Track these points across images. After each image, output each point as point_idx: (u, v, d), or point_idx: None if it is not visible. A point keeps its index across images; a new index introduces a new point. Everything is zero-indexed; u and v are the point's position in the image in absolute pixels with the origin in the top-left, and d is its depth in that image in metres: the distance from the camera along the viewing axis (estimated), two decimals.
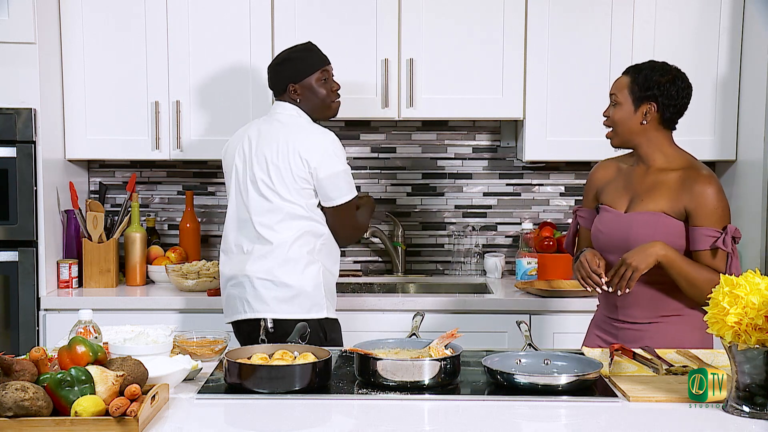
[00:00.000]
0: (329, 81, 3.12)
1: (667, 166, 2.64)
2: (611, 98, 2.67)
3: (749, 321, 1.86)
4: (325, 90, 3.10)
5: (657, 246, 2.51)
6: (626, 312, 2.65)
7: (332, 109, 3.16)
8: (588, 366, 2.20)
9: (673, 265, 2.51)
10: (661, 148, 2.64)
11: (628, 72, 2.67)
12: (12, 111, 3.51)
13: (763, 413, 1.90)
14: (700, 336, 2.57)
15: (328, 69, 3.12)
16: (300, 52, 3.10)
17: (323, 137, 3.01)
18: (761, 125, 3.58)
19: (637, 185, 2.67)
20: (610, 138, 2.68)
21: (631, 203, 2.66)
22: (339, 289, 3.98)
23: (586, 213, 2.83)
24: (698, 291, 2.52)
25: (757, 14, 3.68)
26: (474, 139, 4.21)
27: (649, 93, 2.60)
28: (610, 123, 2.66)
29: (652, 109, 2.60)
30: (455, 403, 2.08)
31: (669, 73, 2.63)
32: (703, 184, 2.56)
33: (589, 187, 2.83)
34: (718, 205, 2.55)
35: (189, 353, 2.34)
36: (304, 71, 3.06)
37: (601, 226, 2.69)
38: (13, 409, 1.77)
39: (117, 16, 3.77)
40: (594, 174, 2.83)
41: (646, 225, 2.58)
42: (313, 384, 2.12)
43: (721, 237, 2.52)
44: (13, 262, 3.54)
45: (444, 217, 4.24)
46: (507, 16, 3.78)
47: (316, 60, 3.10)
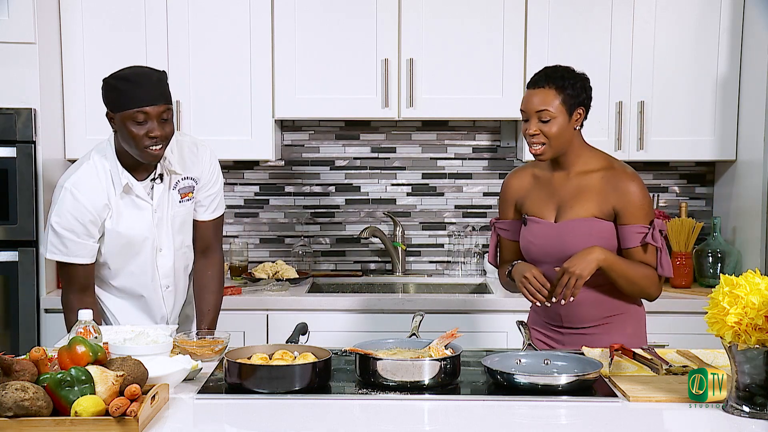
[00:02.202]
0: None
1: (587, 168, 2.64)
2: (539, 115, 2.53)
3: (749, 321, 1.86)
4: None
5: (596, 251, 2.52)
6: (571, 319, 2.67)
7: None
8: (588, 366, 2.20)
9: (613, 267, 2.53)
10: (581, 150, 2.64)
11: (547, 84, 2.56)
12: (12, 111, 3.51)
13: (763, 413, 1.90)
14: (636, 328, 2.66)
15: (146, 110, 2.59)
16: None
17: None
18: (761, 125, 3.58)
19: (562, 192, 2.65)
20: (541, 153, 2.57)
21: (559, 211, 2.64)
22: (339, 289, 4.01)
23: (507, 224, 2.80)
24: (637, 288, 2.59)
25: (757, 14, 3.68)
26: (474, 139, 4.21)
27: (580, 99, 2.58)
28: (543, 139, 2.55)
29: (582, 114, 2.61)
30: (455, 403, 2.08)
31: (582, 75, 2.62)
32: (628, 183, 2.58)
33: (506, 198, 2.79)
34: (645, 201, 2.58)
35: (189, 353, 2.34)
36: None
37: (532, 237, 2.67)
38: (13, 409, 1.77)
39: (117, 16, 3.77)
40: (509, 185, 2.79)
41: (579, 231, 2.59)
42: (313, 384, 2.12)
43: (650, 232, 2.56)
44: (13, 262, 3.54)
45: (444, 217, 4.24)
46: (507, 16, 3.78)
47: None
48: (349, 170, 4.21)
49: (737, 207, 3.87)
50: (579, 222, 2.60)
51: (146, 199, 2.73)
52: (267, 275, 3.85)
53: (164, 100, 2.60)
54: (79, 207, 2.65)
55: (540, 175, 2.72)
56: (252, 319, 3.59)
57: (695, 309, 3.50)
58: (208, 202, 2.86)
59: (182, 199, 2.80)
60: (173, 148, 2.75)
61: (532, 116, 2.57)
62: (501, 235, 2.82)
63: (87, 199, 2.66)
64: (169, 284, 2.86)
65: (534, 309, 2.81)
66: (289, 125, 4.19)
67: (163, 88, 2.63)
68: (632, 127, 3.80)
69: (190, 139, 2.86)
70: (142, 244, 2.76)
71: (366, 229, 4.08)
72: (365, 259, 4.26)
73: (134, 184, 2.70)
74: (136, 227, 2.73)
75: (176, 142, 2.78)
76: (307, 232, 4.22)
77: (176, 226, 2.81)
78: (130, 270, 2.79)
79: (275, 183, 4.22)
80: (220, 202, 2.91)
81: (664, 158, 3.93)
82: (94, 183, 2.68)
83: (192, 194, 2.82)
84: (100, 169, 2.70)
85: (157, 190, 2.74)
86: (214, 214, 2.90)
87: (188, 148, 2.81)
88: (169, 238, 2.80)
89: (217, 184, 2.88)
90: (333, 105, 3.82)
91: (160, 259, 2.80)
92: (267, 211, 4.23)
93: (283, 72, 3.80)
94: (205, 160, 2.83)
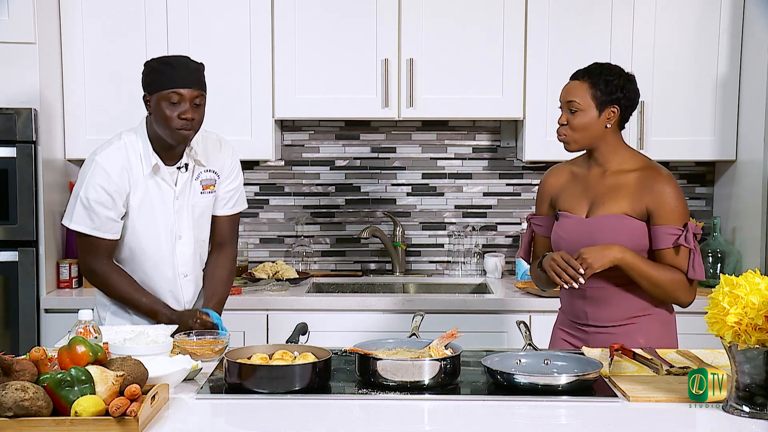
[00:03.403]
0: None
1: (624, 167, 2.65)
2: (568, 105, 2.62)
3: (749, 321, 1.86)
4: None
5: (614, 249, 2.52)
6: (596, 316, 2.66)
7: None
8: (588, 366, 2.20)
9: (633, 267, 2.54)
10: (617, 149, 2.66)
11: (583, 77, 2.64)
12: (12, 111, 3.51)
13: (763, 413, 1.90)
14: (663, 330, 2.65)
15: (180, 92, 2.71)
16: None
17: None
18: (761, 125, 3.58)
19: (596, 189, 2.66)
20: (567, 143, 2.65)
21: (591, 207, 2.66)
22: (339, 289, 4.01)
23: (541, 220, 2.82)
24: (661, 291, 2.58)
25: (757, 14, 3.68)
26: (474, 139, 4.21)
27: (614, 97, 2.61)
28: (568, 130, 2.62)
29: (615, 113, 2.62)
30: (455, 403, 2.08)
31: (626, 76, 2.65)
32: (663, 184, 2.58)
33: (543, 195, 2.82)
34: (678, 203, 2.58)
35: (189, 353, 2.34)
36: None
37: (562, 232, 2.69)
38: (13, 409, 1.77)
39: (117, 16, 3.77)
40: (546, 181, 2.82)
41: (609, 228, 2.59)
42: (313, 384, 2.12)
43: (683, 234, 2.56)
44: (13, 262, 3.54)
45: (444, 217, 4.24)
46: (507, 17, 3.78)
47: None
48: (349, 170, 4.21)
49: (737, 207, 3.87)
50: (609, 218, 2.60)
51: (170, 184, 2.82)
52: (267, 275, 3.85)
53: (199, 86, 2.73)
54: (106, 178, 2.75)
55: (577, 171, 2.75)
56: (252, 319, 3.59)
57: (695, 309, 3.48)
58: (228, 197, 2.95)
59: (203, 191, 2.88)
60: (199, 140, 2.86)
61: (564, 106, 2.65)
62: (536, 230, 2.84)
63: (114, 171, 2.75)
64: (188, 273, 2.91)
65: (562, 309, 2.80)
66: (289, 125, 4.19)
67: (199, 77, 2.75)
68: (632, 127, 3.79)
69: (216, 136, 2.95)
70: (162, 228, 2.83)
71: (366, 229, 4.08)
72: (365, 259, 4.26)
73: (162, 167, 2.80)
74: (158, 210, 2.82)
75: (202, 137, 2.88)
76: (307, 232, 4.22)
77: (195, 217, 2.89)
78: (152, 252, 2.85)
79: (275, 183, 4.22)
80: (239, 199, 3.00)
81: (664, 158, 3.92)
82: (123, 158, 2.78)
83: (213, 187, 2.90)
84: (130, 147, 2.80)
85: (181, 178, 2.83)
86: (233, 210, 2.98)
87: (212, 143, 2.92)
88: (189, 227, 2.88)
89: (237, 179, 2.97)
90: (333, 105, 3.82)
91: (179, 247, 2.87)
92: (267, 211, 4.23)
93: (283, 72, 3.80)
94: (228, 155, 2.94)
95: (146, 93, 2.77)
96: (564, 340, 2.75)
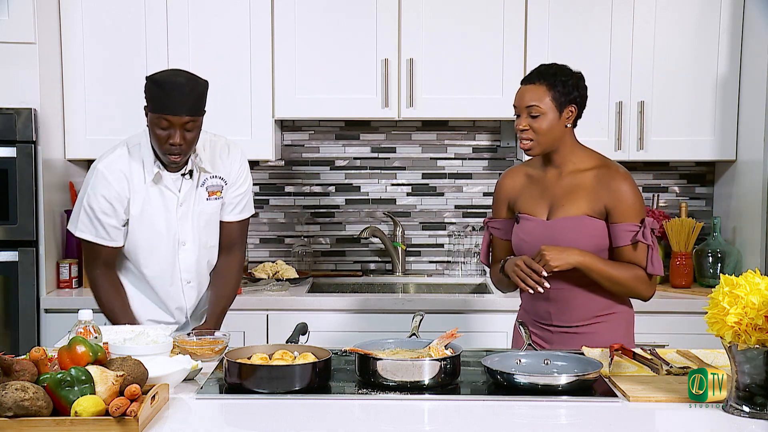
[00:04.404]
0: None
1: (580, 166, 2.65)
2: (528, 110, 2.57)
3: (749, 321, 1.86)
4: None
5: (573, 252, 2.54)
6: (560, 317, 2.67)
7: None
8: (588, 366, 2.20)
9: (592, 268, 2.55)
10: (573, 149, 2.66)
11: (539, 80, 2.60)
12: (12, 111, 3.51)
13: (763, 413, 1.90)
14: (626, 329, 2.68)
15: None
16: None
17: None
18: (761, 125, 3.58)
19: (554, 190, 2.66)
20: (530, 148, 2.61)
21: (551, 209, 2.66)
22: (339, 289, 4.00)
23: (499, 224, 2.81)
24: (623, 288, 2.60)
25: (757, 14, 3.68)
26: (474, 139, 4.21)
27: (571, 96, 2.60)
28: (531, 134, 2.59)
29: (574, 112, 2.62)
30: (455, 403, 2.08)
31: (577, 74, 2.64)
32: (620, 182, 2.60)
33: (500, 198, 2.81)
34: (635, 200, 2.60)
35: (189, 353, 2.34)
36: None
37: (524, 235, 2.68)
38: (13, 409, 1.77)
39: (117, 16, 3.77)
40: (502, 184, 2.81)
41: (570, 229, 2.60)
42: (313, 384, 2.12)
43: (641, 231, 2.58)
44: (13, 262, 3.54)
45: (444, 217, 4.24)
46: (507, 17, 3.78)
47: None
48: (349, 170, 4.21)
49: (737, 207, 3.87)
50: (570, 220, 2.61)
51: (173, 191, 2.80)
52: (267, 275, 3.85)
53: (190, 113, 2.65)
54: (107, 186, 2.75)
55: (533, 173, 2.74)
56: (252, 319, 3.59)
57: (695, 309, 3.50)
58: (235, 202, 2.92)
59: (209, 197, 2.86)
60: (206, 146, 2.83)
61: (522, 111, 2.61)
62: (494, 234, 2.83)
63: (115, 180, 2.75)
64: (191, 279, 2.90)
65: (524, 307, 2.81)
66: (289, 125, 4.19)
67: (193, 101, 2.67)
68: (632, 127, 3.80)
69: (224, 141, 2.91)
70: (164, 234, 2.82)
71: (366, 229, 4.08)
72: (365, 259, 4.26)
73: (165, 174, 2.78)
74: (160, 217, 2.80)
75: (209, 142, 2.85)
76: (307, 232, 4.22)
77: (201, 223, 2.87)
78: (154, 260, 2.84)
79: (275, 183, 4.22)
80: (247, 204, 2.96)
81: (664, 158, 3.93)
82: (125, 166, 2.77)
83: (220, 193, 2.87)
84: (134, 154, 2.78)
85: (185, 185, 2.81)
86: (240, 215, 2.95)
87: (220, 149, 2.88)
88: (194, 233, 2.85)
89: (245, 185, 2.93)
90: (333, 105, 3.82)
91: (182, 253, 2.86)
92: (267, 211, 4.23)
93: (283, 72, 3.80)
94: (236, 161, 2.90)
95: (145, 106, 2.74)
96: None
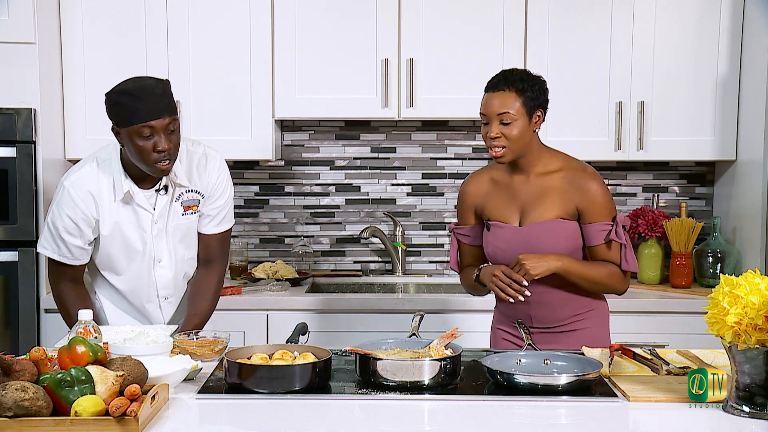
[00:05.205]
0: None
1: (546, 169, 2.64)
2: (500, 117, 2.53)
3: (749, 321, 1.86)
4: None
5: (551, 258, 2.54)
6: (541, 319, 2.68)
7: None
8: (588, 366, 2.20)
9: (571, 272, 2.56)
10: (540, 153, 2.65)
11: (508, 87, 2.55)
12: (12, 111, 3.51)
13: (763, 413, 1.90)
14: (601, 325, 2.71)
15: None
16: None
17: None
18: (761, 125, 3.58)
19: (523, 195, 2.65)
20: (502, 156, 2.57)
21: (523, 215, 2.64)
22: (339, 289, 4.01)
23: (467, 230, 2.79)
24: (600, 287, 2.64)
25: (757, 14, 3.68)
26: (474, 139, 4.21)
27: (539, 101, 2.59)
28: (504, 141, 2.55)
29: (541, 116, 2.61)
30: (455, 403, 2.08)
31: (539, 78, 2.63)
32: (588, 181, 2.60)
33: (465, 205, 2.78)
34: (606, 199, 2.61)
35: (189, 353, 2.34)
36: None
37: (498, 243, 2.67)
38: (13, 409, 1.77)
39: (117, 16, 3.77)
40: (467, 190, 2.78)
41: (546, 233, 2.59)
42: (313, 384, 2.12)
43: (613, 229, 2.59)
44: (13, 262, 3.54)
45: (444, 217, 4.24)
46: (507, 16, 3.78)
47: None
48: (349, 170, 4.21)
49: (737, 207, 3.87)
50: (544, 224, 2.60)
51: (147, 209, 2.68)
52: (267, 275, 3.85)
53: (169, 113, 2.53)
54: (73, 206, 2.64)
55: (498, 178, 2.71)
56: (252, 319, 3.59)
57: (695, 309, 3.50)
58: (213, 215, 2.80)
59: (185, 212, 2.74)
60: (182, 158, 2.69)
61: (493, 119, 2.56)
62: (461, 240, 2.81)
63: (81, 200, 2.64)
64: (169, 295, 2.82)
65: (500, 309, 2.80)
66: (289, 125, 4.19)
67: (167, 100, 2.55)
68: (632, 127, 3.80)
69: (202, 150, 2.77)
70: (138, 253, 2.72)
71: (366, 229, 4.08)
72: (365, 259, 4.26)
73: (136, 192, 2.65)
74: (133, 236, 2.70)
75: (186, 153, 2.72)
76: (307, 232, 4.22)
77: (177, 238, 2.76)
78: (128, 278, 2.77)
79: (275, 183, 4.22)
80: (227, 215, 2.83)
81: (664, 158, 3.93)
82: (92, 185, 2.65)
83: (197, 207, 2.76)
84: (101, 172, 2.66)
85: (160, 201, 2.69)
86: (219, 228, 2.82)
87: (197, 160, 2.73)
88: (170, 249, 2.76)
89: (224, 196, 2.79)
90: (333, 105, 3.82)
91: (158, 270, 2.77)
92: (267, 211, 4.23)
93: (283, 72, 3.80)
94: (213, 173, 2.75)
95: (114, 125, 2.57)
96: (506, 340, 2.76)
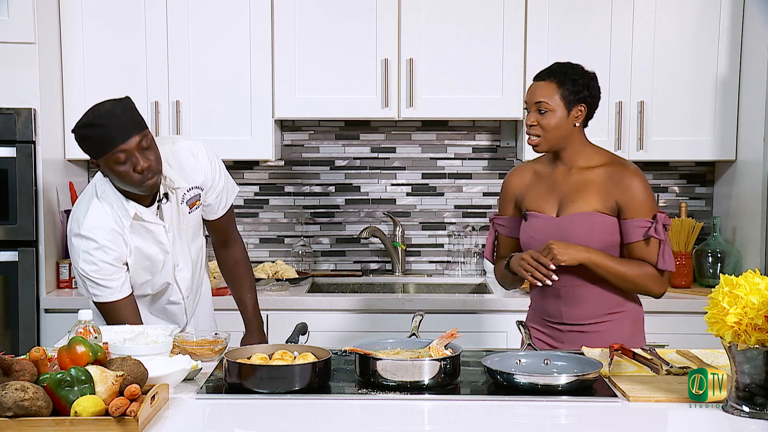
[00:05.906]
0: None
1: (589, 164, 2.66)
2: (537, 106, 2.61)
3: (749, 321, 1.86)
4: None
5: (580, 249, 2.55)
6: (571, 315, 2.67)
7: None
8: (588, 366, 2.20)
9: (599, 265, 2.56)
10: (583, 148, 2.67)
11: (549, 78, 2.63)
12: (12, 111, 3.51)
13: (763, 413, 1.90)
14: (634, 327, 2.68)
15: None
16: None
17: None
18: (761, 125, 3.58)
19: (563, 187, 2.67)
20: (538, 144, 2.64)
21: (561, 206, 2.66)
22: (339, 289, 4.01)
23: (505, 221, 2.82)
24: (631, 285, 2.62)
25: (757, 14, 3.68)
26: (474, 139, 4.21)
27: (581, 96, 2.62)
28: (539, 130, 2.62)
29: (583, 111, 2.63)
30: (455, 403, 2.07)
31: (589, 74, 2.66)
32: (631, 178, 2.61)
33: (507, 195, 2.81)
34: (647, 196, 2.61)
35: (189, 353, 2.34)
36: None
37: (533, 233, 2.68)
38: (13, 409, 1.77)
39: (117, 16, 3.77)
40: (510, 181, 2.82)
41: (581, 225, 2.60)
42: (313, 384, 2.12)
43: (653, 226, 2.58)
44: (13, 262, 3.54)
45: (444, 217, 4.24)
46: (507, 16, 3.78)
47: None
48: (349, 170, 4.22)
49: (737, 207, 3.87)
50: (581, 216, 2.61)
51: (158, 222, 2.65)
52: (267, 275, 3.85)
53: (137, 129, 2.48)
54: (102, 248, 2.57)
55: (541, 171, 2.75)
56: None
57: (695, 309, 3.50)
58: (218, 201, 2.80)
59: (191, 210, 2.74)
60: (170, 161, 2.65)
61: (531, 107, 2.64)
62: (499, 231, 2.84)
63: (110, 240, 2.57)
64: (189, 295, 2.85)
65: (533, 307, 2.80)
66: (289, 125, 4.19)
67: (131, 118, 2.49)
68: (632, 127, 3.80)
69: (187, 146, 2.71)
70: (161, 265, 2.70)
71: (366, 229, 4.08)
72: (365, 259, 4.26)
73: (143, 211, 2.61)
74: (154, 251, 2.67)
75: (173, 154, 2.67)
76: (307, 232, 4.22)
77: (189, 237, 2.77)
78: (151, 286, 2.74)
79: (275, 183, 4.22)
80: (229, 193, 2.83)
81: (664, 158, 3.93)
82: (106, 222, 2.57)
83: (199, 201, 2.76)
84: (106, 206, 2.59)
85: (166, 210, 2.66)
86: (225, 209, 2.85)
87: (185, 157, 2.69)
88: (185, 251, 2.77)
89: (221, 181, 2.78)
90: (333, 105, 3.82)
91: (179, 275, 2.77)
92: (267, 211, 4.23)
93: (283, 72, 3.80)
94: (205, 163, 2.73)
95: (91, 158, 2.53)
96: (537, 339, 2.75)
